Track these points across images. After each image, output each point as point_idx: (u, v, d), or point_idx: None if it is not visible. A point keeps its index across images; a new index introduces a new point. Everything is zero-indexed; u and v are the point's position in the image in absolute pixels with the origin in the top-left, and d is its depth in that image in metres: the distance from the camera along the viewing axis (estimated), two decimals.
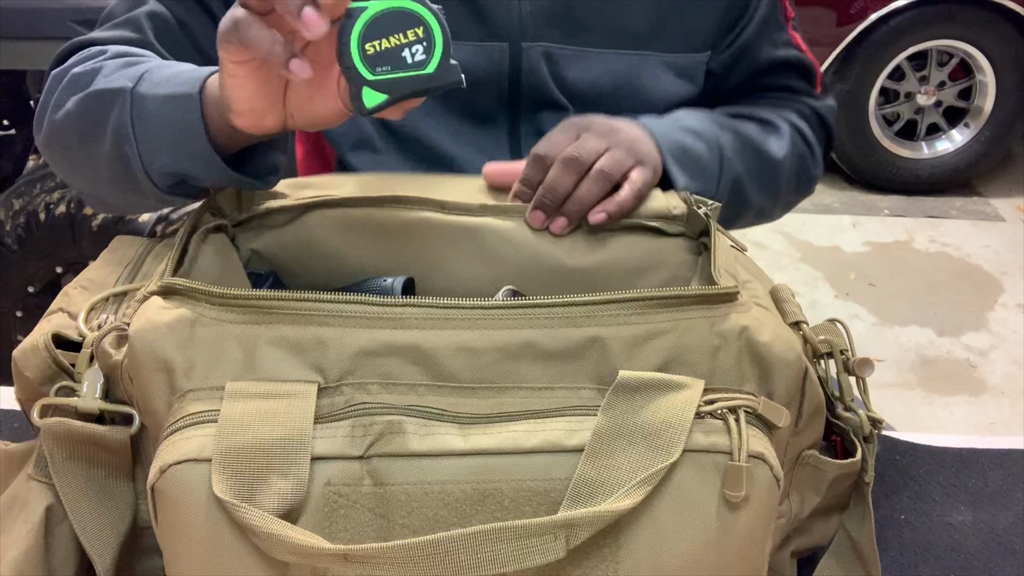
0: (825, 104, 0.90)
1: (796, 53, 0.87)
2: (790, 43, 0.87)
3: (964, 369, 2.32)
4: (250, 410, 0.47)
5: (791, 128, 0.85)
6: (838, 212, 3.13)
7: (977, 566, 0.68)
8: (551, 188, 0.63)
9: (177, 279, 0.51)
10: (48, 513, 0.53)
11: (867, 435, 0.59)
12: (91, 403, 0.52)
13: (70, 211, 1.83)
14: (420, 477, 0.47)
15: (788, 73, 0.88)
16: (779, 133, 0.83)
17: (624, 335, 0.51)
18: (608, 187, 0.64)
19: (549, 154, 0.65)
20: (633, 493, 0.47)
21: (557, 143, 0.66)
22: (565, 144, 0.65)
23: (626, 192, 0.64)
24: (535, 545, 0.45)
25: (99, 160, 0.64)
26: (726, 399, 0.50)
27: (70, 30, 1.74)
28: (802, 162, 0.86)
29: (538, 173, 0.65)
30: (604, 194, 0.64)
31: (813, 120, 0.89)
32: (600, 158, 0.65)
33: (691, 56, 0.82)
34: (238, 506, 0.45)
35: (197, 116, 0.58)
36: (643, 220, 0.64)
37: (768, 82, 0.88)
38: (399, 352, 0.50)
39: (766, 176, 0.82)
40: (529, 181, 0.65)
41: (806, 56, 0.88)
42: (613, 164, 0.64)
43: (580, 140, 0.66)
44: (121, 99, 0.61)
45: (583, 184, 0.64)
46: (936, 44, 3.07)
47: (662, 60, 0.80)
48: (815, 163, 0.89)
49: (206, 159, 0.59)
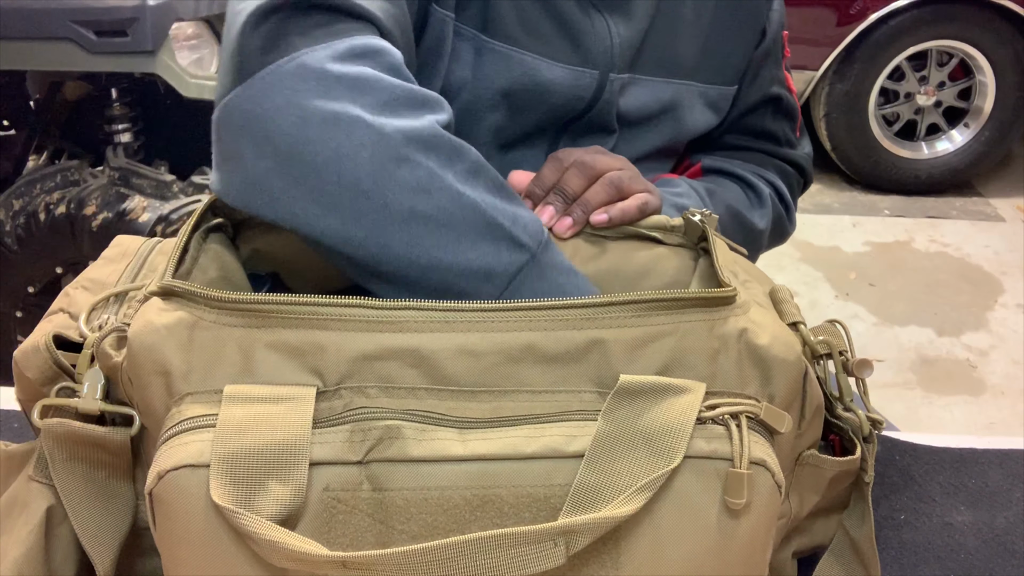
0: (803, 152, 0.94)
1: (786, 94, 0.90)
2: (783, 83, 0.90)
3: (964, 369, 2.32)
4: (248, 414, 0.47)
5: (771, 191, 0.88)
6: (838, 212, 3.13)
7: (977, 566, 0.68)
8: (561, 188, 0.65)
9: (176, 281, 0.51)
10: (48, 514, 0.53)
11: (866, 435, 0.59)
12: (92, 404, 0.52)
13: (70, 211, 1.83)
14: (419, 482, 0.47)
15: (775, 115, 0.90)
16: (762, 201, 0.87)
17: (624, 338, 0.51)
18: (615, 196, 0.65)
19: (566, 158, 0.67)
20: (634, 499, 0.46)
21: (572, 151, 0.68)
22: (578, 152, 0.67)
23: (631, 201, 0.65)
24: (535, 552, 0.44)
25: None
26: (728, 404, 0.50)
27: (70, 30, 1.74)
28: (779, 223, 0.90)
29: (553, 174, 0.66)
30: (610, 201, 0.65)
31: (792, 177, 0.92)
32: (612, 171, 0.66)
33: (723, 89, 0.85)
34: (236, 512, 0.44)
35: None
36: (643, 230, 0.65)
37: (755, 124, 0.90)
38: (398, 355, 0.49)
39: (748, 245, 0.84)
40: (542, 181, 0.66)
41: (792, 99, 0.91)
42: (624, 177, 0.66)
43: (597, 153, 0.68)
44: (519, 262, 0.55)
45: (592, 188, 0.65)
46: (936, 44, 3.07)
47: (699, 91, 0.83)
48: (790, 222, 0.92)
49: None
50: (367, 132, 0.52)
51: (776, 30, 0.87)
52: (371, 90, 0.53)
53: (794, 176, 0.93)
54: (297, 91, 0.52)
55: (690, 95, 0.83)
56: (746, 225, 0.84)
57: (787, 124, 0.92)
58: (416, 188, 0.52)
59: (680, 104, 0.82)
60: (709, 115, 0.85)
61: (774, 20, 0.87)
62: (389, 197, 0.52)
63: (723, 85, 0.85)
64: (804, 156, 0.94)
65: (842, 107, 3.11)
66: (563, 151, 0.68)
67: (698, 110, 0.84)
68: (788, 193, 0.91)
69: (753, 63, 0.86)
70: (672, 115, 0.82)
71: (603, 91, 0.77)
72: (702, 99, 0.84)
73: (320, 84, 0.52)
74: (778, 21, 0.87)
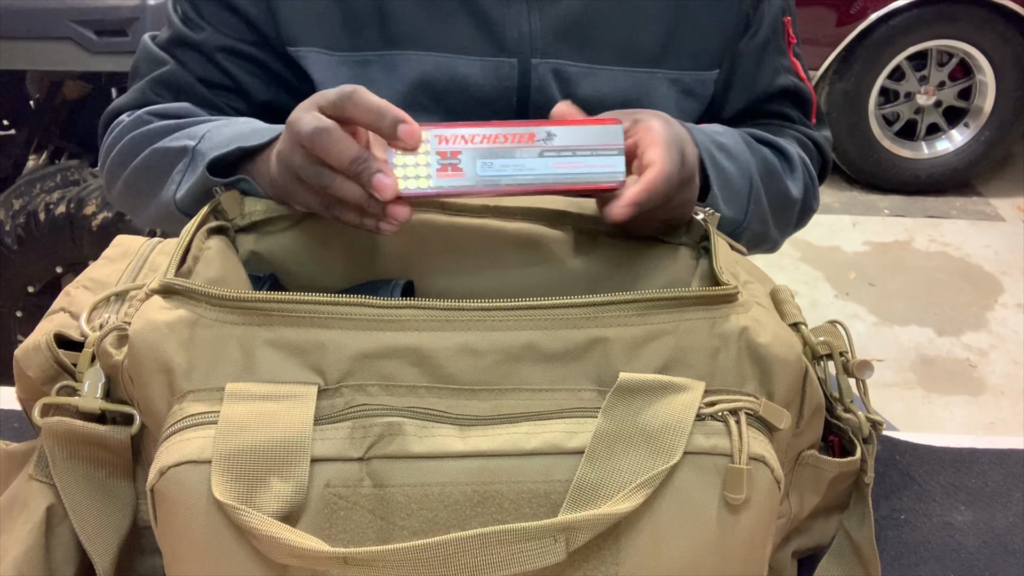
0: (823, 135, 0.90)
1: (795, 80, 0.87)
2: (791, 70, 0.87)
3: (964, 369, 2.32)
4: (250, 412, 0.47)
5: (800, 161, 0.84)
6: (838, 212, 3.13)
7: (977, 566, 0.68)
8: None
9: (177, 279, 0.51)
10: (49, 513, 0.53)
11: (866, 436, 0.59)
12: (92, 403, 0.52)
13: (70, 211, 1.83)
14: (420, 479, 0.47)
15: (785, 101, 0.88)
16: (793, 167, 0.83)
17: (625, 336, 0.51)
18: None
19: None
20: (633, 495, 0.47)
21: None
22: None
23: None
24: (535, 548, 0.45)
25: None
26: (727, 401, 0.50)
27: (70, 30, 1.74)
28: (807, 195, 0.86)
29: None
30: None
31: (812, 151, 0.88)
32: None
33: (699, 74, 0.82)
34: (238, 509, 0.45)
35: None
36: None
37: (766, 108, 0.87)
38: (399, 354, 0.50)
39: (782, 211, 0.81)
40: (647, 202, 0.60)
41: (804, 85, 0.88)
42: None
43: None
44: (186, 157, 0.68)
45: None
46: (936, 44, 3.07)
47: (670, 78, 0.80)
48: (815, 196, 0.88)
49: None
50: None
51: (776, 15, 0.84)
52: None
53: (814, 153, 0.88)
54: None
55: (658, 83, 0.80)
56: (782, 189, 0.80)
57: (799, 109, 0.88)
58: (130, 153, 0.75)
59: (648, 93, 0.79)
60: (687, 102, 0.82)
61: (773, 4, 0.83)
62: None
63: (698, 70, 0.81)
64: (822, 138, 0.89)
65: (842, 107, 3.11)
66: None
67: (673, 98, 0.81)
68: (811, 166, 0.86)
69: (750, 54, 0.83)
70: (639, 105, 0.78)
71: (528, 78, 0.75)
72: (675, 87, 0.81)
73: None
74: (778, 5, 0.84)
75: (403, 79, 0.74)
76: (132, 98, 0.81)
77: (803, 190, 0.84)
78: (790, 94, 0.87)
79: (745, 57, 0.84)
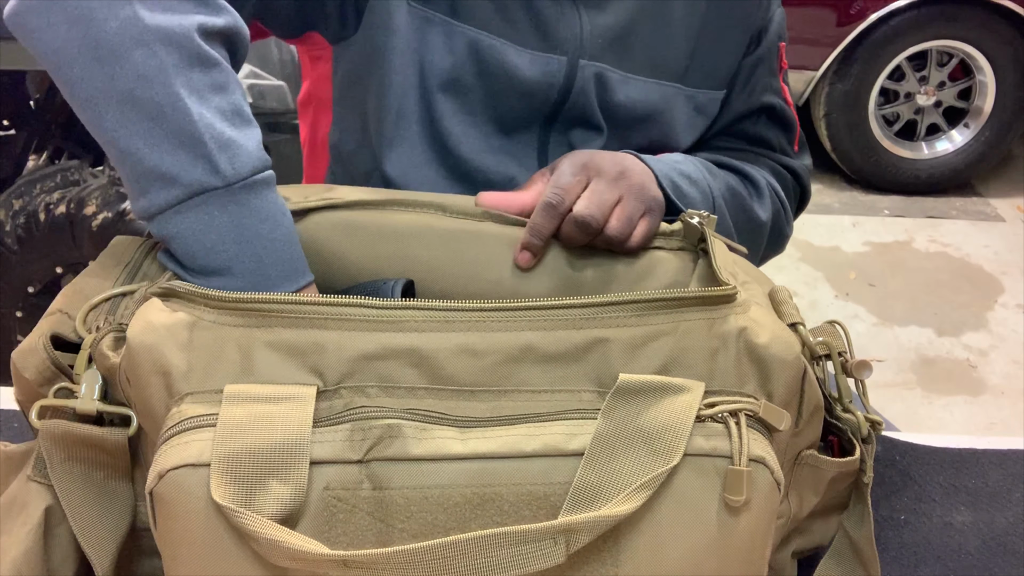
0: (801, 163, 0.91)
1: (781, 103, 0.89)
2: (778, 92, 0.89)
3: (964, 369, 2.31)
4: (249, 414, 0.47)
5: (768, 187, 0.86)
6: (838, 212, 3.13)
7: (977, 566, 0.68)
8: (585, 221, 0.62)
9: (176, 282, 0.51)
10: (47, 514, 0.53)
11: (865, 436, 0.59)
12: (89, 404, 0.52)
13: (70, 211, 1.82)
14: (419, 481, 0.47)
15: (770, 123, 0.89)
16: (760, 192, 0.84)
17: (624, 337, 0.51)
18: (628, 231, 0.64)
19: (561, 204, 0.63)
20: (633, 497, 0.46)
21: (569, 190, 0.64)
22: (576, 190, 0.64)
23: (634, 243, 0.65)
24: (535, 550, 0.44)
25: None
26: (727, 402, 0.50)
27: None
28: (777, 220, 0.87)
29: (549, 222, 0.63)
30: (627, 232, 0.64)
31: (787, 180, 0.90)
32: (612, 217, 0.64)
33: (711, 93, 0.85)
34: (237, 512, 0.44)
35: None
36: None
37: (749, 129, 0.89)
38: (398, 355, 0.49)
39: (749, 234, 0.83)
40: (539, 232, 0.63)
41: (790, 110, 0.89)
42: (624, 225, 0.64)
43: (593, 194, 0.64)
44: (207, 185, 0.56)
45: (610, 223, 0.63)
46: (936, 44, 3.07)
47: (686, 94, 0.83)
48: (787, 222, 0.90)
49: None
50: (124, 9, 0.55)
51: (773, 39, 0.86)
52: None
53: (790, 181, 0.90)
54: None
55: (679, 98, 0.82)
56: (747, 211, 0.82)
57: (783, 134, 0.89)
58: (141, 75, 0.55)
59: (670, 107, 0.82)
60: (698, 120, 0.85)
61: (771, 28, 0.86)
62: (116, 72, 0.55)
63: (711, 89, 0.84)
64: (802, 166, 0.91)
65: (842, 107, 3.11)
66: (552, 192, 0.63)
67: (687, 114, 0.84)
68: (782, 194, 0.88)
69: (744, 69, 0.85)
70: (661, 117, 0.82)
71: (574, 78, 0.77)
72: (690, 103, 0.83)
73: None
74: (776, 31, 0.86)
75: (455, 49, 0.75)
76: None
77: (772, 215, 0.85)
78: (775, 116, 0.88)
79: (739, 73, 0.86)
